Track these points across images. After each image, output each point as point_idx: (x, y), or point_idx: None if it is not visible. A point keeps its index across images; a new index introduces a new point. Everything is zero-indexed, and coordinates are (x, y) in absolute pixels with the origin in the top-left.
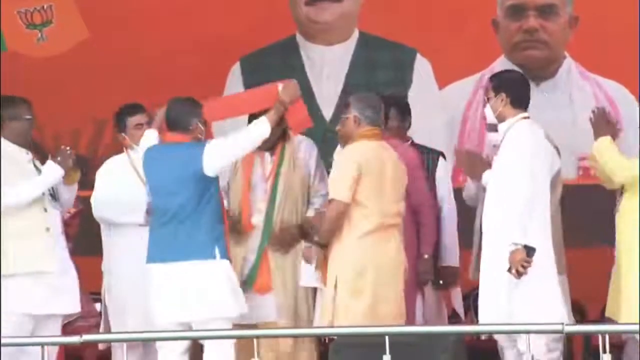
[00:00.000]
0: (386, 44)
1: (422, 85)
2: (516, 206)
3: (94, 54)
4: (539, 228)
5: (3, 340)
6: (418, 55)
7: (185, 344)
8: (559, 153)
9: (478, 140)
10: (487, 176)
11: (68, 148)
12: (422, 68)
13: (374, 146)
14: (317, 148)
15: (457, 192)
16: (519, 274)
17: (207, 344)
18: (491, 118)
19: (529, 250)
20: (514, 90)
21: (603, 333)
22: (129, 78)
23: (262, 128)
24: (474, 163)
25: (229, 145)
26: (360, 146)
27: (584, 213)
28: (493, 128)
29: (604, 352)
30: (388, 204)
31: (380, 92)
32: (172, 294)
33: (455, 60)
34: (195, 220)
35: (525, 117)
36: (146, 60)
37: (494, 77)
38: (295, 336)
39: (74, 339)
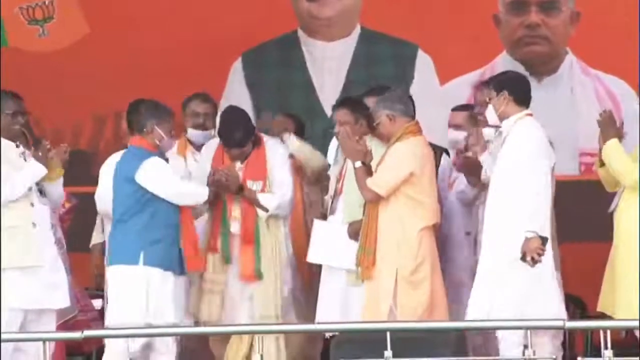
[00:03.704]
0: (388, 40)
1: (424, 81)
2: (530, 199)
3: (96, 50)
4: (546, 224)
5: (4, 336)
6: (419, 51)
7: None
8: (553, 148)
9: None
10: (487, 162)
11: (48, 143)
12: (424, 64)
13: (422, 143)
14: (284, 149)
15: None
16: (534, 262)
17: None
18: (493, 120)
19: (543, 240)
20: (516, 89)
21: (604, 329)
22: (130, 74)
23: (201, 194)
24: (473, 170)
25: (168, 180)
26: (412, 146)
27: (585, 208)
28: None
29: (605, 347)
30: (436, 200)
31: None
32: (114, 297)
33: (456, 56)
34: (124, 225)
35: (529, 115)
36: (147, 56)
37: (494, 78)
38: (295, 332)
39: (76, 334)
